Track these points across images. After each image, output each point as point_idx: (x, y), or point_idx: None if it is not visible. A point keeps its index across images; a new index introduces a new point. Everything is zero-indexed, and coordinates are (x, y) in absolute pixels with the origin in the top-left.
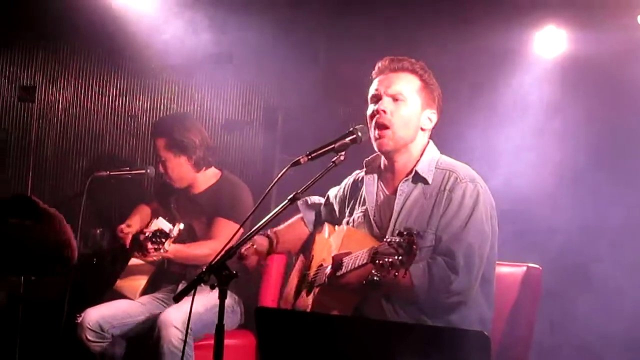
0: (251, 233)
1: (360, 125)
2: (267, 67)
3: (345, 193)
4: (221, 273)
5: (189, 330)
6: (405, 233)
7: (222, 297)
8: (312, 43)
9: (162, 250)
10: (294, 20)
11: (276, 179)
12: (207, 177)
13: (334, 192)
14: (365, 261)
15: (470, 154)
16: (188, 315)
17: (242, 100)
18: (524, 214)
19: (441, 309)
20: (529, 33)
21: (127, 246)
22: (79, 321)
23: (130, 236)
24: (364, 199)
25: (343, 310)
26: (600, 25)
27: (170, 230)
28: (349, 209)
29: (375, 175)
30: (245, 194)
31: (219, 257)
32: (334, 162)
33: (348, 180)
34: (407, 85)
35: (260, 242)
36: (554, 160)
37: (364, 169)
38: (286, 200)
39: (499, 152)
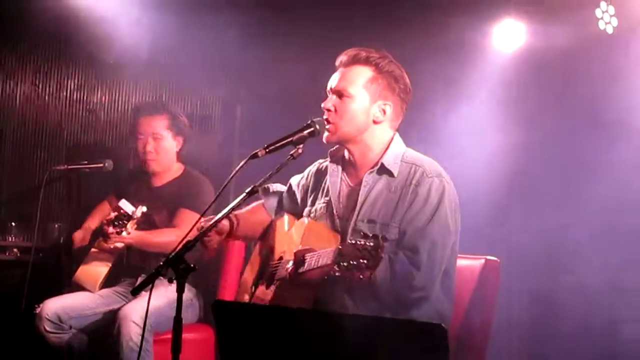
0: (209, 226)
1: (319, 119)
2: (225, 61)
3: (309, 182)
4: (179, 266)
5: (148, 326)
6: (371, 236)
7: (180, 290)
8: (271, 37)
9: (124, 233)
10: (251, 14)
11: (234, 172)
12: (172, 171)
13: (296, 180)
14: (329, 262)
15: (428, 144)
16: (146, 310)
17: (200, 95)
18: (479, 205)
19: (403, 304)
20: (488, 26)
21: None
22: (37, 312)
23: (86, 241)
24: (327, 189)
25: (303, 305)
26: (558, 19)
27: (133, 212)
28: (311, 198)
29: (340, 167)
30: (207, 188)
31: (176, 250)
32: (292, 155)
33: (312, 169)
34: (355, 79)
35: (222, 222)
36: (510, 154)
37: (328, 159)
38: (244, 193)
39: (457, 142)
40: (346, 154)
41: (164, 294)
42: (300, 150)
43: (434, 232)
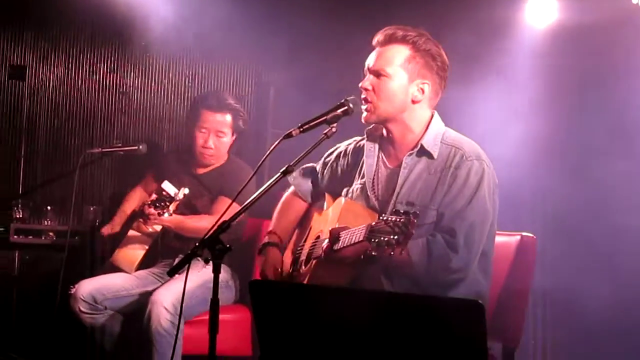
0: (244, 206)
1: (352, 97)
2: (258, 42)
3: (346, 160)
4: (215, 247)
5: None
6: (402, 212)
7: (216, 271)
8: (304, 17)
9: (165, 215)
10: None
11: (268, 152)
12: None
13: (334, 154)
14: (361, 238)
15: (461, 123)
16: (180, 295)
17: (233, 76)
18: (514, 183)
19: (440, 286)
20: (520, 2)
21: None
22: (72, 292)
23: (118, 228)
24: (364, 171)
25: (340, 283)
26: None
27: (176, 194)
28: (349, 178)
29: (377, 145)
30: (250, 176)
31: (212, 230)
32: (325, 134)
33: (349, 146)
34: (393, 58)
35: (272, 254)
36: (546, 130)
37: (365, 141)
38: (279, 173)
39: (489, 121)
40: (384, 132)
41: (197, 276)
42: (334, 129)
43: (472, 215)
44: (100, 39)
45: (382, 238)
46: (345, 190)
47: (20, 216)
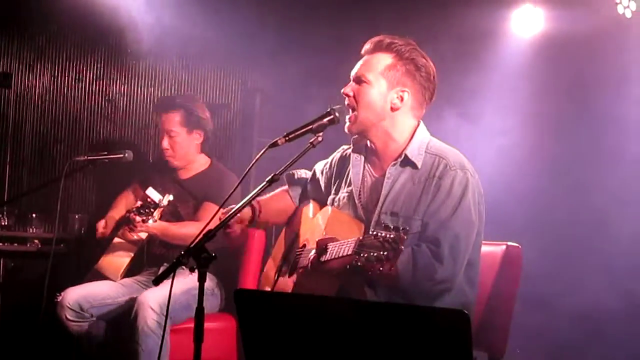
0: (230, 215)
1: (338, 106)
2: (245, 50)
3: (332, 169)
4: (200, 255)
5: (163, 314)
6: (392, 227)
7: (201, 279)
8: (291, 26)
9: (150, 221)
10: (272, 4)
11: (254, 161)
12: (199, 164)
13: (320, 167)
14: (349, 252)
15: (448, 133)
16: (165, 297)
17: (219, 84)
18: (501, 193)
19: (425, 296)
20: (506, 12)
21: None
22: (58, 300)
23: (108, 231)
24: (350, 179)
25: (325, 294)
26: (577, 3)
27: (160, 201)
28: (335, 186)
29: (362, 157)
30: (233, 182)
31: (197, 239)
32: (311, 143)
33: (335, 156)
34: (375, 66)
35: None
36: (531, 139)
37: (351, 146)
38: (264, 182)
39: (477, 131)
40: (368, 143)
41: (183, 282)
42: (320, 138)
43: (456, 225)
44: (86, 46)
45: (371, 253)
46: (331, 198)
47: (5, 223)
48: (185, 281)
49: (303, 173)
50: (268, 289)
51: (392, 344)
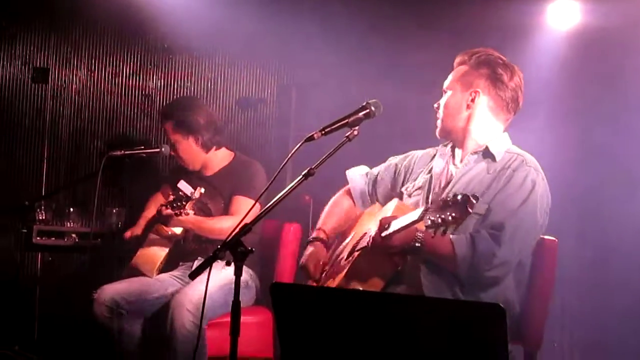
0: (266, 209)
1: (374, 100)
2: (281, 45)
3: (414, 160)
4: (237, 249)
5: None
6: (460, 194)
7: (237, 273)
8: (327, 20)
9: (183, 215)
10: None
11: (290, 155)
12: (219, 159)
13: (394, 161)
14: (415, 218)
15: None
16: (201, 296)
17: (255, 78)
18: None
19: (478, 283)
20: (542, 5)
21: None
22: (94, 297)
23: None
24: (431, 168)
25: (380, 277)
26: None
27: (192, 193)
28: (413, 175)
29: (450, 152)
30: (259, 171)
31: (234, 233)
32: (347, 137)
33: (417, 152)
34: (454, 76)
35: (318, 250)
36: (569, 134)
37: (440, 146)
38: (300, 176)
39: (512, 125)
40: (455, 147)
41: (217, 277)
42: (355, 132)
43: (521, 215)
44: (123, 41)
45: (437, 216)
46: (406, 185)
47: (43, 218)
48: (220, 277)
49: (362, 169)
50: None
51: (428, 337)
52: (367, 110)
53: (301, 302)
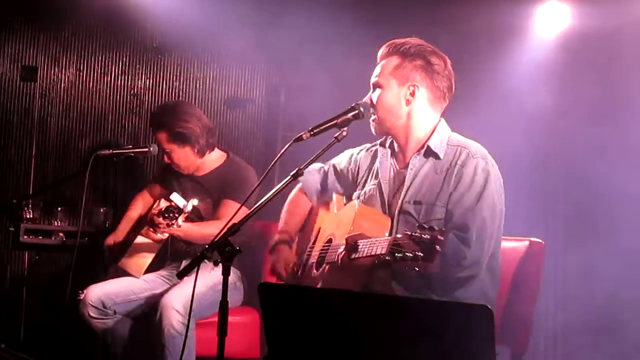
0: (254, 209)
1: (363, 101)
2: (269, 45)
3: (357, 165)
4: (224, 249)
5: (192, 313)
6: (427, 228)
7: (225, 273)
8: (315, 19)
9: (174, 226)
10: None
11: (279, 155)
12: (212, 160)
13: (341, 162)
14: (384, 251)
15: (472, 131)
16: (189, 296)
17: (244, 78)
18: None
19: (450, 285)
20: (531, 8)
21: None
22: (81, 297)
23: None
24: (377, 172)
25: (351, 288)
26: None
27: (185, 206)
28: (362, 181)
29: (389, 151)
30: (251, 176)
31: (221, 233)
32: (336, 137)
33: (358, 152)
34: (384, 69)
35: (283, 250)
36: (558, 138)
37: (376, 144)
38: (289, 176)
39: (501, 130)
40: (393, 141)
41: (206, 278)
42: (344, 133)
43: (482, 210)
44: (111, 41)
45: (406, 254)
46: (357, 193)
47: (31, 216)
48: (209, 277)
49: (315, 166)
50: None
51: (415, 338)
52: (356, 112)
53: (289, 302)
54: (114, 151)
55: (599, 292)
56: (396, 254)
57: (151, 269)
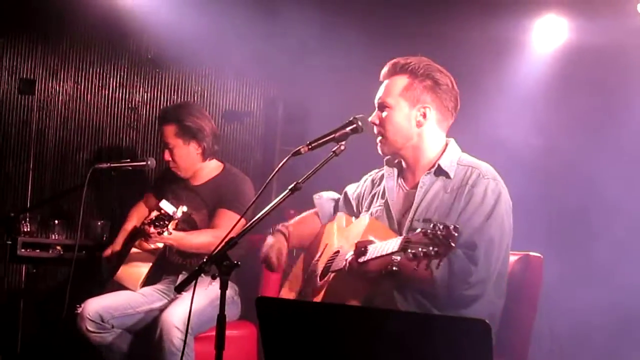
0: (252, 223)
1: (361, 115)
2: (267, 58)
3: (364, 189)
4: (222, 263)
5: (189, 329)
6: (441, 225)
7: (223, 287)
8: (314, 32)
9: (165, 234)
10: (295, 13)
11: (277, 169)
12: (210, 169)
13: (352, 189)
14: (395, 249)
15: (468, 145)
16: (188, 313)
17: (242, 92)
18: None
19: (456, 303)
20: (529, 21)
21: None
22: (79, 311)
23: (115, 257)
24: (384, 192)
25: (356, 299)
26: (600, 13)
27: (174, 213)
28: (367, 202)
29: (396, 170)
30: (248, 187)
31: (219, 247)
32: (334, 151)
33: (367, 178)
34: (392, 90)
35: (279, 240)
36: (555, 150)
37: (384, 166)
38: (287, 190)
39: (498, 143)
40: (402, 162)
41: (204, 293)
42: (342, 147)
43: (491, 230)
44: (109, 54)
45: (419, 249)
46: (363, 214)
47: (28, 229)
48: (207, 293)
49: (331, 194)
50: (292, 295)
51: (413, 353)
52: (354, 125)
53: (286, 316)
54: (112, 164)
55: (596, 307)
56: (408, 250)
57: (147, 282)
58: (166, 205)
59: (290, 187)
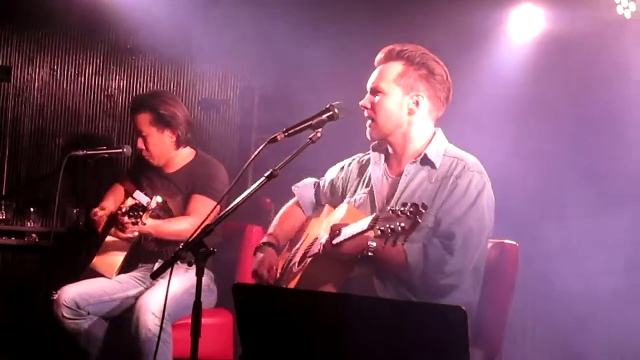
0: (228, 210)
1: (338, 102)
2: (244, 47)
3: (349, 174)
4: (198, 250)
5: (166, 316)
6: (409, 204)
7: (199, 274)
8: (289, 22)
9: (139, 224)
10: (270, 2)
11: (253, 156)
12: (183, 157)
13: (335, 173)
14: (364, 227)
15: (448, 134)
16: (164, 300)
17: (218, 80)
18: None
19: (433, 292)
20: (505, 11)
21: (100, 229)
22: (54, 298)
23: (104, 218)
24: (369, 179)
25: (333, 284)
26: (577, 3)
27: (148, 203)
28: (352, 188)
29: (383, 156)
30: (221, 172)
31: (195, 234)
32: (310, 139)
33: (351, 162)
34: (387, 75)
35: (269, 253)
36: (530, 141)
37: (370, 151)
38: (263, 177)
39: (472, 134)
40: (389, 147)
41: (181, 281)
42: (319, 134)
43: (471, 221)
44: (86, 40)
45: (387, 225)
46: (347, 200)
47: (3, 217)
48: (184, 280)
49: (309, 180)
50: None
51: (389, 339)
52: (331, 113)
53: (263, 302)
54: (88, 152)
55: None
56: (377, 227)
57: (123, 270)
58: (140, 196)
59: (266, 174)
